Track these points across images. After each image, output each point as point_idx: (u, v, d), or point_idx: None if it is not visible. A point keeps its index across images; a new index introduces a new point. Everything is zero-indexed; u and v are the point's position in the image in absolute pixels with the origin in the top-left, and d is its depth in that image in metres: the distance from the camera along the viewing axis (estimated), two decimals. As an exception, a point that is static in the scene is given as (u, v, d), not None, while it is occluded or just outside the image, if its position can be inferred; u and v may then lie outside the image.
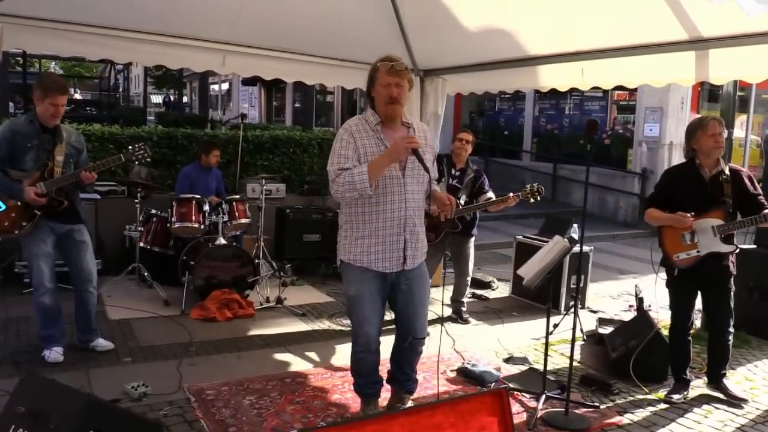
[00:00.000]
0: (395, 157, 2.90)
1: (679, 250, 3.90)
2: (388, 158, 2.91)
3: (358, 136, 3.02)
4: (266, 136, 7.75)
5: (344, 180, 2.87)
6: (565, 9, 5.15)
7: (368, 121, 3.08)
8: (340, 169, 2.92)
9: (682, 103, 11.34)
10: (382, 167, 2.91)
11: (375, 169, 2.88)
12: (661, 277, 4.11)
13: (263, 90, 29.56)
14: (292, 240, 6.75)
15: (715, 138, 3.78)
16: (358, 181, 2.84)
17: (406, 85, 3.02)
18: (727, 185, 3.77)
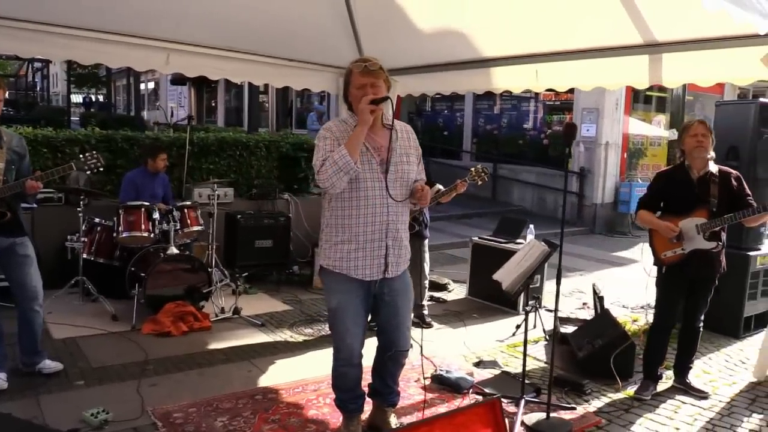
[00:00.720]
0: (363, 119, 2.83)
1: (666, 248, 4.04)
2: (361, 126, 2.84)
3: (341, 136, 2.92)
4: (212, 138, 7.45)
5: (328, 164, 2.79)
6: (520, 11, 5.18)
7: (347, 123, 2.98)
8: (325, 159, 2.83)
9: (617, 105, 11.74)
10: (358, 139, 2.84)
11: (352, 143, 2.83)
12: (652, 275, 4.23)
13: (193, 89, 28.70)
14: (244, 247, 6.50)
15: (697, 138, 3.92)
16: (339, 158, 2.78)
17: (382, 85, 2.93)
18: (713, 186, 3.91)
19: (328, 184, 2.81)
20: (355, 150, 2.82)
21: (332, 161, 2.78)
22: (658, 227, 4.04)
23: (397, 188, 2.97)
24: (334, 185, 2.81)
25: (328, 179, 2.79)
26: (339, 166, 2.78)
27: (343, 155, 2.77)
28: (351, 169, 2.80)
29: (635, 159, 12.78)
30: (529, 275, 3.50)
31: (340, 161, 2.77)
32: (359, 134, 2.84)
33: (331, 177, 2.78)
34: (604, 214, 11.94)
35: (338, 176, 2.78)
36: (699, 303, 4.09)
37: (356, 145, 2.82)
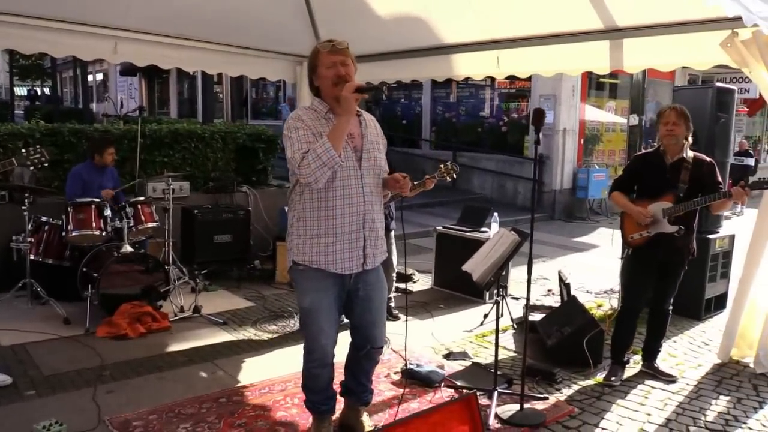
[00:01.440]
0: (347, 108, 2.65)
1: (634, 231, 4.06)
2: (345, 115, 2.66)
3: (312, 124, 2.75)
4: (164, 130, 7.16)
5: (311, 158, 2.60)
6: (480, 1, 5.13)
7: (317, 110, 2.82)
8: (305, 152, 2.64)
9: (573, 91, 11.84)
10: (342, 130, 2.66)
11: (335, 136, 2.64)
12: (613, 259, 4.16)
13: (144, 80, 27.87)
14: (202, 242, 6.28)
15: (668, 127, 3.94)
16: (323, 152, 2.59)
17: (351, 65, 2.78)
18: (685, 171, 3.92)
19: (312, 179, 2.62)
20: (340, 143, 2.66)
21: (315, 155, 2.59)
22: (630, 210, 4.04)
23: (371, 177, 2.85)
24: (318, 180, 2.64)
25: (311, 174, 2.60)
26: (323, 161, 2.60)
27: (327, 149, 2.59)
28: (335, 164, 2.64)
29: (591, 145, 12.94)
30: (500, 265, 3.43)
31: (324, 155, 2.59)
32: (343, 125, 2.66)
33: (314, 172, 2.60)
34: (563, 200, 12.07)
35: (322, 171, 2.61)
36: (668, 286, 4.10)
37: (340, 138, 2.65)
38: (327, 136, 2.65)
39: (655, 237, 3.96)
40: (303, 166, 2.62)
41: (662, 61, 4.79)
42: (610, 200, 4.32)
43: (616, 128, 13.72)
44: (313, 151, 2.61)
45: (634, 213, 4.00)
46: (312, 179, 2.63)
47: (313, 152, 2.61)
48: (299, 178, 2.69)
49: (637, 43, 4.77)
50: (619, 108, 13.75)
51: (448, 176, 4.63)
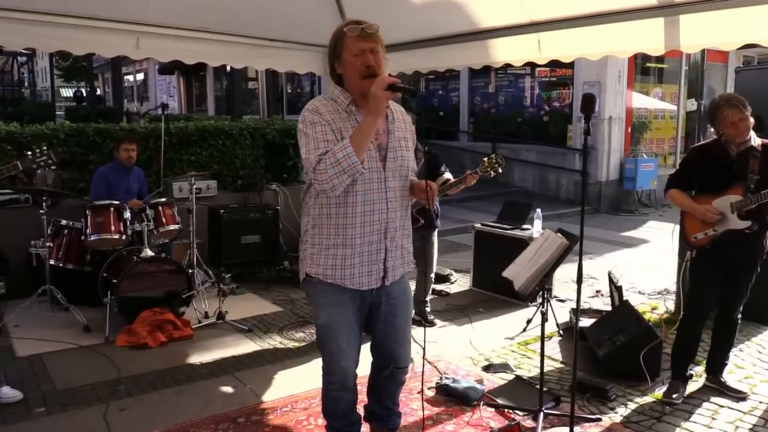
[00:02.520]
0: (377, 109, 2.27)
1: (697, 230, 3.62)
2: (373, 116, 2.28)
3: (331, 118, 2.39)
4: (191, 127, 6.94)
5: (328, 163, 2.24)
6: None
7: (338, 102, 2.46)
8: (323, 154, 2.29)
9: (619, 77, 11.24)
10: (367, 134, 2.29)
11: (360, 138, 2.27)
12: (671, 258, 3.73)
13: (182, 78, 28.10)
14: (229, 243, 6.05)
15: (735, 126, 3.46)
16: (343, 157, 2.23)
17: (381, 52, 2.42)
18: (754, 161, 3.46)
19: (328, 187, 2.27)
20: (364, 147, 2.30)
21: (334, 160, 2.24)
22: (693, 210, 3.60)
23: (396, 180, 2.49)
24: (335, 188, 2.28)
25: (328, 181, 2.25)
26: (342, 167, 2.24)
27: (348, 154, 2.23)
28: (357, 172, 2.27)
29: (639, 133, 12.30)
30: (546, 273, 3.05)
31: (345, 162, 2.23)
32: (370, 127, 2.28)
33: (332, 179, 2.24)
34: (609, 192, 11.49)
35: (340, 179, 2.25)
36: (739, 291, 3.64)
37: (365, 142, 2.28)
38: (350, 137, 2.29)
39: (723, 235, 3.52)
40: (319, 170, 2.27)
41: (725, 39, 4.27)
42: (667, 198, 3.86)
43: (665, 115, 13.04)
44: (332, 155, 2.25)
45: (698, 211, 3.56)
46: (328, 187, 2.28)
47: (332, 156, 2.25)
48: (314, 183, 2.34)
49: (695, 19, 4.27)
50: (669, 94, 13.05)
51: (492, 170, 4.26)
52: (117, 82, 18.99)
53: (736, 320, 3.74)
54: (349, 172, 2.26)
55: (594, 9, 4.72)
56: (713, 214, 3.51)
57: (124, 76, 34.02)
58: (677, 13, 4.33)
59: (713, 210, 3.51)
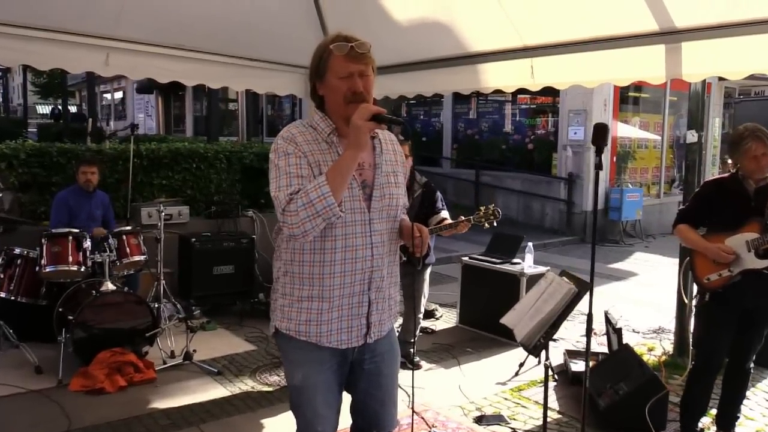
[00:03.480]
0: (358, 141, 1.93)
1: (710, 270, 3.33)
2: (353, 150, 1.94)
3: (308, 149, 2.04)
4: (163, 149, 6.58)
5: (300, 204, 1.89)
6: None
7: (317, 130, 2.11)
8: (294, 192, 1.94)
9: (605, 105, 11.12)
10: (346, 170, 1.94)
11: (337, 176, 1.92)
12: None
13: (160, 98, 27.69)
14: (200, 274, 5.65)
15: (758, 160, 3.22)
16: (317, 198, 1.88)
17: (372, 75, 2.08)
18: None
19: (299, 231, 1.92)
20: (342, 187, 1.95)
21: (306, 201, 1.88)
22: (705, 249, 3.32)
23: (383, 221, 2.14)
24: (307, 233, 1.93)
25: (299, 224, 1.90)
26: (316, 210, 1.89)
27: (323, 195, 1.88)
28: (333, 215, 1.92)
29: (624, 163, 12.18)
30: (552, 324, 2.73)
31: (319, 203, 1.88)
32: (349, 163, 1.94)
33: (303, 222, 1.89)
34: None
35: (313, 223, 1.90)
36: (753, 339, 3.35)
37: (343, 181, 1.94)
38: (326, 174, 1.93)
39: (739, 276, 3.24)
40: (289, 212, 1.91)
41: (730, 68, 4.05)
42: (675, 234, 3.58)
43: (649, 145, 12.96)
44: (305, 195, 1.90)
45: (711, 252, 3.28)
46: (299, 231, 1.92)
47: (304, 195, 1.90)
48: (282, 226, 1.98)
49: (698, 47, 4.07)
50: (652, 123, 12.99)
51: (486, 222, 3.94)
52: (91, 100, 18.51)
53: (749, 369, 3.45)
54: (324, 216, 1.90)
55: (592, 34, 4.49)
56: (727, 254, 3.23)
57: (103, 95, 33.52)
58: (679, 41, 4.11)
59: (727, 249, 3.24)
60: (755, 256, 3.20)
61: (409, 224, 2.18)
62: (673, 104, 13.33)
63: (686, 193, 4.89)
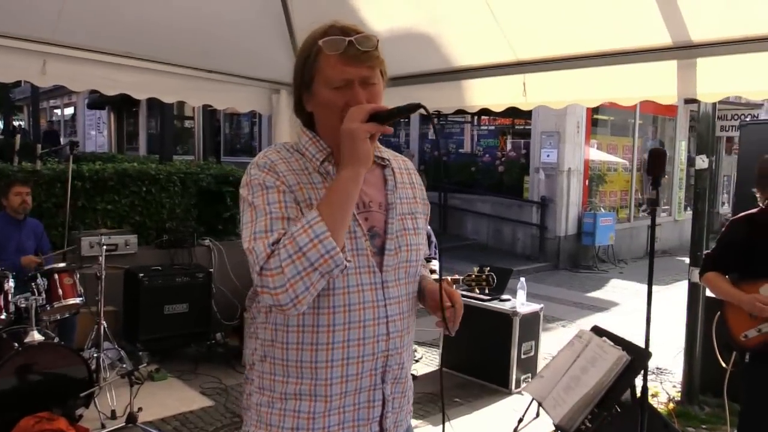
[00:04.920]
0: (355, 154, 1.35)
1: (747, 326, 2.84)
2: (351, 168, 1.35)
3: (295, 181, 1.45)
4: (109, 170, 5.86)
5: (285, 255, 1.29)
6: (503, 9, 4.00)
7: (306, 156, 1.52)
8: (275, 243, 1.33)
9: (578, 127, 10.84)
10: (346, 198, 1.35)
11: (335, 207, 1.34)
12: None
13: (113, 113, 26.58)
14: (149, 314, 4.95)
15: None
16: (308, 243, 1.29)
17: (380, 83, 1.49)
18: None
19: (286, 299, 1.30)
20: (344, 223, 1.35)
21: (295, 250, 1.29)
22: (739, 301, 2.83)
23: (401, 283, 1.53)
24: (298, 299, 1.31)
25: (285, 288, 1.29)
26: (310, 262, 1.30)
27: (318, 238, 1.29)
28: (337, 267, 1.33)
29: (595, 186, 11.93)
30: (600, 402, 2.18)
31: (313, 252, 1.29)
32: (348, 187, 1.35)
33: (292, 284, 1.29)
34: (568, 247, 10.93)
35: (307, 281, 1.30)
36: None
37: (345, 214, 1.36)
38: (318, 208, 1.34)
39: None
40: (270, 271, 1.30)
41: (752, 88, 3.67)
42: (703, 283, 3.10)
43: (618, 168, 12.77)
44: (291, 242, 1.31)
45: (746, 303, 2.79)
46: (287, 299, 1.30)
47: (289, 244, 1.31)
48: (261, 291, 1.35)
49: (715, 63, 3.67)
50: (621, 146, 12.83)
51: (477, 287, 3.38)
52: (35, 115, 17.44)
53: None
54: (323, 269, 1.31)
55: (594, 48, 4.03)
56: (764, 305, 2.76)
57: (53, 110, 32.08)
58: (694, 56, 3.68)
59: (764, 300, 2.77)
60: None
61: (435, 286, 1.60)
62: (641, 127, 13.23)
63: (695, 223, 4.48)
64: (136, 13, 4.20)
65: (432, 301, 1.59)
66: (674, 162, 14.08)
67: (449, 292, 1.56)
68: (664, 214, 13.90)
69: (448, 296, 1.54)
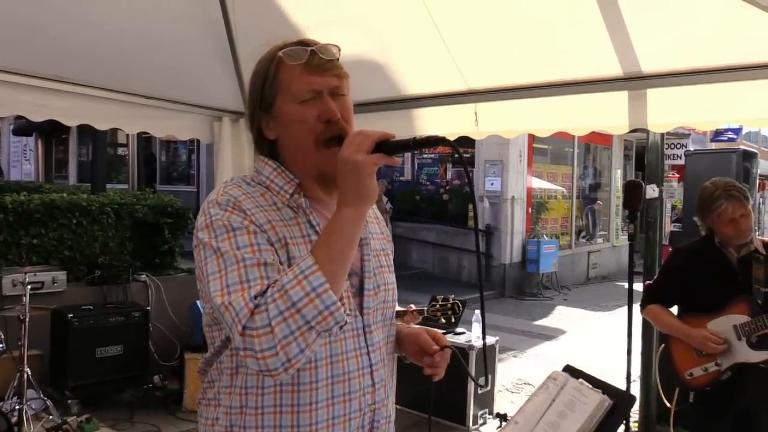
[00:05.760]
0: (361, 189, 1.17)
1: (692, 364, 2.74)
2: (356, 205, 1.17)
3: (265, 219, 1.25)
4: (35, 201, 5.44)
5: (275, 312, 1.09)
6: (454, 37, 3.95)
7: (272, 188, 1.33)
8: (259, 294, 1.14)
9: (521, 156, 11.01)
10: (347, 241, 1.17)
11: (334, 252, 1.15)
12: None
13: (40, 140, 25.41)
14: (79, 358, 4.54)
15: (736, 224, 2.71)
16: (304, 297, 1.10)
17: (349, 95, 1.36)
18: (758, 267, 2.66)
19: (276, 362, 1.10)
20: (344, 271, 1.17)
21: (288, 306, 1.10)
22: (686, 336, 2.75)
23: (379, 326, 1.37)
24: (290, 362, 1.11)
25: (276, 351, 1.09)
26: (306, 320, 1.10)
27: (316, 291, 1.10)
28: (338, 324, 1.14)
29: (537, 214, 12.11)
30: (582, 451, 2.04)
31: (310, 308, 1.10)
32: (350, 228, 1.17)
33: (284, 345, 1.09)
34: (513, 274, 11.00)
35: (302, 342, 1.10)
36: None
37: (345, 261, 1.17)
38: (313, 253, 1.15)
39: (730, 372, 2.70)
40: (256, 331, 1.10)
41: (700, 118, 3.70)
42: (645, 316, 3.02)
43: (558, 196, 13.05)
44: (281, 296, 1.11)
45: (694, 339, 2.72)
46: (277, 363, 1.10)
47: (279, 298, 1.10)
48: (245, 356, 1.13)
49: (665, 94, 3.70)
50: (560, 174, 13.13)
51: (443, 317, 3.19)
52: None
53: None
54: (321, 327, 1.12)
55: (546, 78, 4.02)
56: (716, 343, 2.67)
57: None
58: (644, 87, 3.72)
59: (714, 337, 2.68)
60: (747, 346, 2.66)
61: (415, 331, 1.46)
62: (579, 156, 13.60)
63: (647, 252, 4.50)
64: (69, 35, 3.91)
65: (415, 346, 1.44)
66: (611, 189, 14.52)
67: (434, 336, 1.42)
68: (600, 240, 14.27)
69: (434, 340, 1.40)
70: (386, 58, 4.40)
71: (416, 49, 4.21)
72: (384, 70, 4.50)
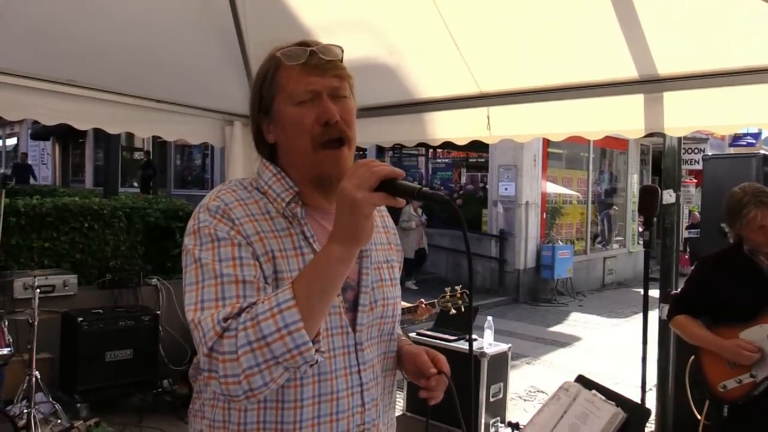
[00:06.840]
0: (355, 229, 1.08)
1: (725, 376, 2.64)
2: (347, 243, 1.09)
3: (254, 230, 1.20)
4: (48, 205, 5.46)
5: (244, 342, 1.04)
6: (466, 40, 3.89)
7: (269, 195, 1.28)
8: (231, 316, 1.09)
9: (535, 161, 10.91)
10: (329, 281, 1.09)
11: (314, 289, 1.07)
12: None
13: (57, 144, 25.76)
14: (89, 362, 4.54)
15: (765, 231, 2.62)
16: (275, 333, 1.03)
17: (351, 98, 1.30)
18: None
19: (238, 390, 1.06)
20: (323, 311, 1.10)
21: (257, 338, 1.04)
22: (718, 348, 2.65)
23: (374, 343, 1.32)
24: (253, 392, 1.07)
25: (239, 379, 1.06)
26: (273, 355, 1.05)
27: (287, 328, 1.04)
28: (306, 363, 1.08)
29: (552, 219, 11.98)
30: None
31: (279, 345, 1.04)
32: (336, 268, 1.09)
33: (248, 375, 1.05)
34: (527, 280, 10.88)
35: (267, 375, 1.06)
36: None
37: (326, 300, 1.10)
38: (293, 285, 1.08)
39: (767, 383, 2.59)
40: (221, 355, 1.06)
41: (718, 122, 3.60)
42: (672, 327, 2.93)
43: (573, 201, 12.91)
44: (252, 326, 1.06)
45: (727, 350, 2.61)
46: (239, 390, 1.06)
47: (250, 327, 1.06)
48: (209, 377, 1.08)
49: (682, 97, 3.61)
50: (575, 179, 12.99)
51: (453, 307, 3.19)
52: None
53: None
54: (289, 365, 1.07)
55: (559, 81, 3.95)
56: (750, 353, 2.58)
57: (-5, 140, 30.97)
58: (661, 90, 3.63)
59: (749, 346, 2.58)
60: None
61: (416, 350, 1.39)
62: (594, 161, 13.45)
63: (663, 258, 4.40)
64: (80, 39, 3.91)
65: (413, 366, 1.38)
66: (627, 194, 14.34)
67: (434, 358, 1.35)
68: (617, 246, 14.10)
69: (434, 362, 1.34)
70: (398, 61, 4.35)
71: (428, 52, 4.16)
72: (395, 74, 4.45)
